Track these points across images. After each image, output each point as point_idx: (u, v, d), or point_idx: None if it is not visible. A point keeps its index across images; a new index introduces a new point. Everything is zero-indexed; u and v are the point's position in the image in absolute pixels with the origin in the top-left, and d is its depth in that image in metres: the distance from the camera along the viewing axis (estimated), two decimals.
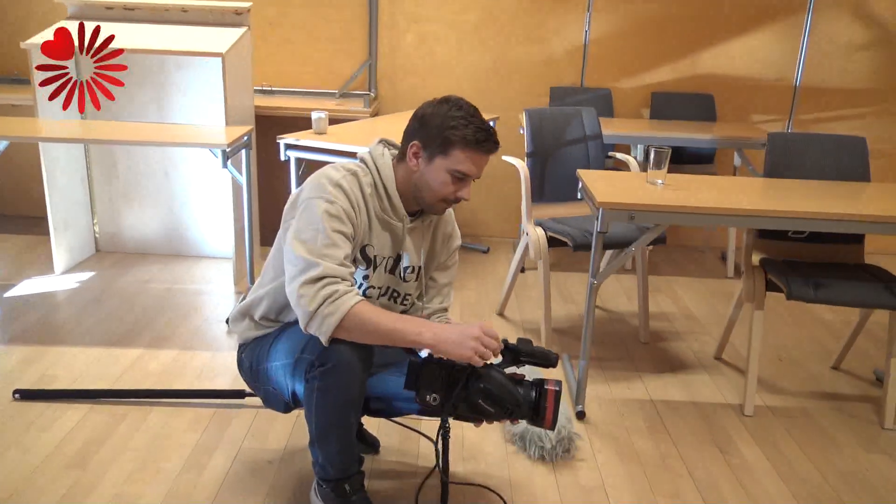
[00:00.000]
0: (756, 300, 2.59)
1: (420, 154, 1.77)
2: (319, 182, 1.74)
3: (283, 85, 4.47)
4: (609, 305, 3.56)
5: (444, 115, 1.74)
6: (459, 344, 1.62)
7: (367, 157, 1.85)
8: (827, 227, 2.35)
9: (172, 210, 3.91)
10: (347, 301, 1.62)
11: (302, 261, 1.65)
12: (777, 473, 2.24)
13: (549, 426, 1.71)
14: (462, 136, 1.72)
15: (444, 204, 1.81)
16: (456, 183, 1.77)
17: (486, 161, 1.79)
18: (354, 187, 1.77)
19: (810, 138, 2.86)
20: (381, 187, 1.81)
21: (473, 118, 1.74)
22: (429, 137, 1.75)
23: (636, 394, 2.70)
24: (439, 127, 1.73)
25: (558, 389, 1.69)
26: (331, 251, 1.66)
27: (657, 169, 2.54)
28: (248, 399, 2.48)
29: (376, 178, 1.81)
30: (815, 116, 4.47)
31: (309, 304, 1.61)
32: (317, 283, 1.62)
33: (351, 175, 1.78)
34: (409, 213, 1.85)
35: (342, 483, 1.85)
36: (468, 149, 1.73)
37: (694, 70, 4.42)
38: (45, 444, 2.20)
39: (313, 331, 1.64)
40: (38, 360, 2.71)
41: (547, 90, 4.38)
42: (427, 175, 1.77)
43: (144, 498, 1.98)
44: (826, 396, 2.75)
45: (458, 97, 1.78)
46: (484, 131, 1.74)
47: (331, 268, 1.64)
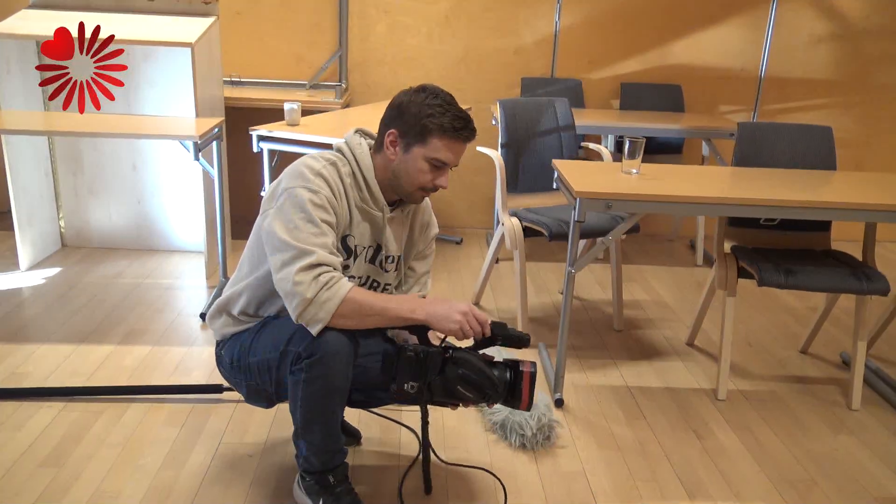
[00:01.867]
0: (728, 287, 2.64)
1: (397, 142, 1.77)
2: (300, 171, 1.73)
3: (252, 76, 4.41)
4: (582, 294, 3.60)
5: (422, 103, 1.74)
6: (445, 317, 1.66)
7: (344, 147, 1.84)
8: (797, 214, 2.41)
9: (141, 203, 3.84)
10: (344, 286, 1.63)
11: (294, 248, 1.64)
12: (751, 456, 2.30)
13: (525, 407, 1.73)
14: (439, 123, 1.72)
15: (422, 192, 1.82)
16: (434, 171, 1.78)
17: (464, 149, 1.79)
18: (335, 177, 1.76)
19: (778, 128, 2.92)
20: (361, 177, 1.80)
21: (451, 106, 1.75)
22: (406, 125, 1.75)
23: (612, 381, 2.74)
24: (417, 115, 1.73)
25: (533, 371, 1.71)
26: (322, 239, 1.66)
27: (632, 159, 2.57)
28: (227, 393, 2.46)
29: (355, 167, 1.80)
30: (779, 107, 4.56)
31: (307, 291, 1.61)
32: (313, 270, 1.62)
33: (331, 165, 1.77)
34: (389, 203, 1.85)
35: (326, 474, 1.84)
36: (446, 137, 1.74)
37: (662, 61, 4.47)
38: (18, 443, 2.15)
39: (308, 317, 1.63)
40: (7, 358, 2.65)
41: (517, 81, 4.40)
42: (405, 163, 1.77)
43: (124, 495, 1.95)
44: (795, 380, 2.82)
45: (435, 86, 1.78)
46: (461, 119, 1.74)
47: (324, 256, 1.64)
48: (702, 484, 2.14)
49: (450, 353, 1.70)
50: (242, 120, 3.90)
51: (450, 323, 1.66)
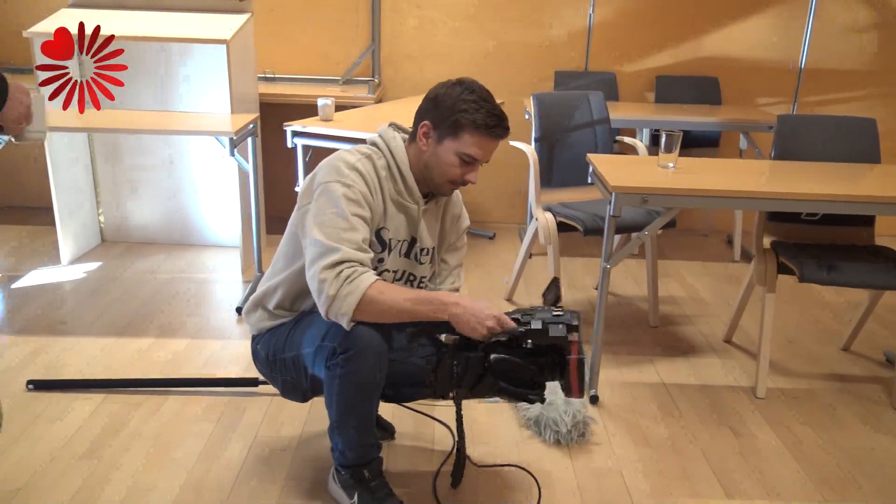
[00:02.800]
0: (768, 283, 2.59)
1: (430, 134, 1.77)
2: (335, 165, 1.73)
3: (285, 72, 4.44)
4: (617, 290, 3.56)
5: (457, 97, 1.73)
6: (471, 329, 1.65)
7: (378, 141, 1.83)
8: (838, 208, 2.35)
9: (177, 199, 3.89)
10: (365, 280, 1.63)
11: (321, 245, 1.64)
12: (790, 454, 2.25)
13: (577, 395, 1.69)
14: (472, 119, 1.71)
15: (451, 185, 1.82)
16: (464, 166, 1.77)
17: (496, 146, 1.78)
18: (370, 170, 1.76)
19: (819, 120, 2.85)
20: (396, 169, 1.80)
21: (485, 102, 1.73)
22: (440, 118, 1.74)
23: (648, 378, 2.70)
24: (451, 109, 1.72)
25: (581, 357, 1.66)
26: (350, 235, 1.66)
27: (668, 152, 2.53)
28: (262, 387, 2.48)
29: (390, 160, 1.80)
30: (818, 98, 4.45)
31: (329, 288, 1.61)
32: (336, 268, 1.62)
33: (366, 158, 1.77)
34: (423, 195, 1.84)
35: (361, 469, 1.85)
36: (478, 133, 1.72)
37: (698, 53, 4.40)
38: (59, 434, 2.20)
39: (334, 314, 1.64)
40: (48, 351, 2.70)
41: (550, 74, 4.36)
42: (436, 156, 1.77)
43: (160, 488, 1.98)
44: (836, 378, 2.76)
45: (473, 80, 1.77)
46: (495, 116, 1.73)
47: (350, 252, 1.64)
48: (738, 482, 2.10)
49: (489, 362, 1.68)
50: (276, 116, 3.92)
51: (475, 334, 1.65)
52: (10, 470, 2.02)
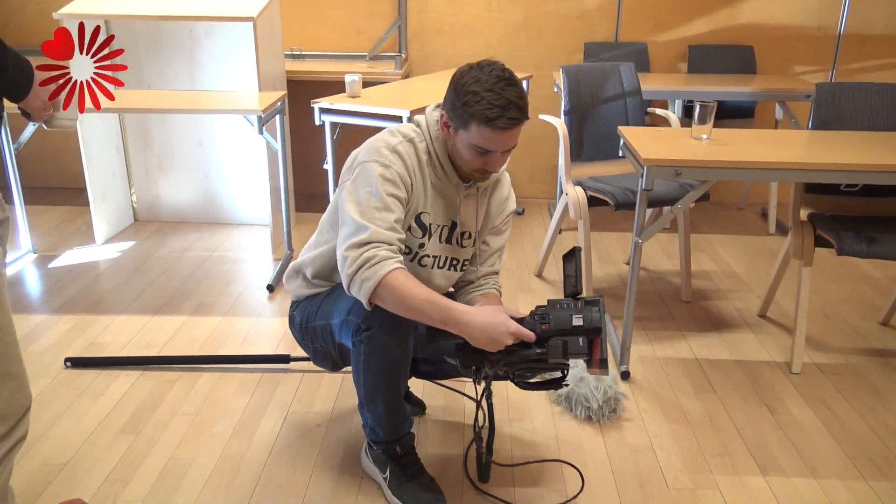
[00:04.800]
0: (805, 256, 2.53)
1: (448, 125, 1.72)
2: (376, 146, 1.72)
3: (312, 49, 4.42)
4: (649, 265, 3.52)
5: (465, 86, 1.64)
6: (485, 344, 1.60)
7: (422, 122, 1.80)
8: (880, 179, 2.28)
9: (207, 178, 3.92)
10: (385, 267, 1.58)
11: (353, 223, 1.64)
12: (827, 430, 2.21)
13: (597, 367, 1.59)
14: (475, 112, 1.62)
15: (479, 174, 1.75)
16: (482, 156, 1.69)
17: (509, 136, 1.66)
18: (411, 153, 1.73)
19: (860, 88, 2.76)
20: (434, 154, 1.77)
21: (489, 93, 1.61)
22: (452, 110, 1.68)
23: (680, 353, 2.67)
24: (459, 100, 1.64)
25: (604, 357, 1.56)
26: (382, 214, 1.64)
27: (702, 124, 2.47)
28: (294, 364, 2.50)
29: (430, 144, 1.77)
30: (859, 66, 4.31)
31: (349, 267, 1.60)
32: (361, 248, 1.61)
33: (408, 142, 1.75)
34: (463, 180, 1.81)
35: (393, 444, 1.86)
36: (483, 125, 1.63)
37: (732, 21, 4.28)
38: (98, 410, 2.25)
39: (354, 293, 1.64)
40: (86, 329, 2.76)
41: (580, 46, 4.29)
42: (455, 147, 1.72)
43: (198, 462, 2.01)
44: (875, 353, 2.70)
45: (491, 62, 1.66)
46: (497, 108, 1.60)
47: (378, 232, 1.62)
48: (775, 459, 2.07)
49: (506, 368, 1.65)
50: (303, 93, 3.92)
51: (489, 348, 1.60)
52: (57, 445, 2.07)
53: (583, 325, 1.57)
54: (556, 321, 1.59)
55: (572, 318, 1.58)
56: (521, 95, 1.64)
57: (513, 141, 1.68)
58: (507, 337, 1.58)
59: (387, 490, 1.87)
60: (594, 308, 1.61)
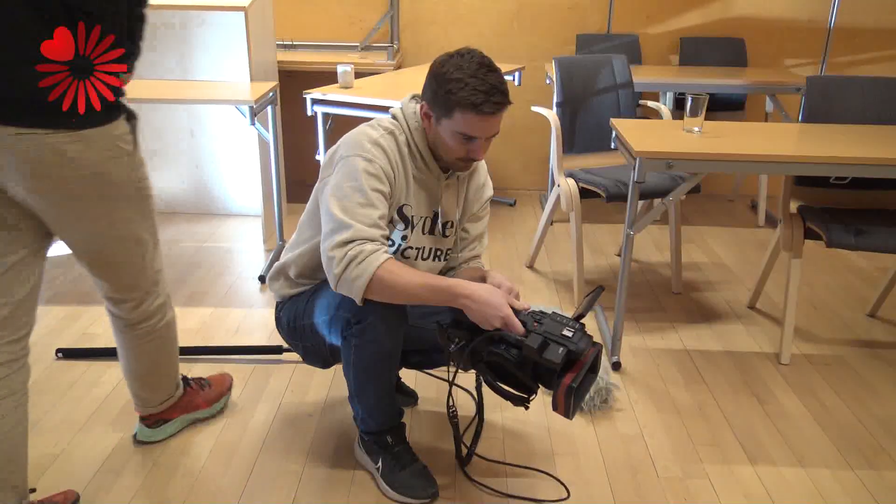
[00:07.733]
0: (794, 248, 2.55)
1: (429, 114, 1.71)
2: (357, 140, 1.71)
3: (304, 39, 4.41)
4: (640, 256, 3.54)
5: (445, 74, 1.64)
6: (483, 321, 1.61)
7: (399, 115, 1.79)
8: (869, 172, 2.30)
9: (199, 168, 3.90)
10: (374, 262, 1.58)
11: (335, 220, 1.62)
12: (815, 421, 2.24)
13: (563, 415, 1.57)
14: (458, 99, 1.62)
15: (461, 162, 1.75)
16: (466, 143, 1.69)
17: (492, 121, 1.66)
18: (392, 146, 1.73)
19: (850, 81, 2.78)
20: (414, 145, 1.77)
21: (472, 79, 1.61)
22: (434, 98, 1.68)
23: (671, 344, 2.69)
24: (441, 87, 1.64)
25: (573, 385, 1.52)
26: (366, 211, 1.63)
27: (694, 116, 2.48)
28: (286, 354, 2.51)
29: (409, 136, 1.77)
30: (849, 59, 4.34)
31: (336, 267, 1.60)
32: (346, 246, 1.60)
33: (388, 134, 1.74)
34: (443, 170, 1.82)
35: (384, 435, 1.87)
36: (467, 111, 1.63)
37: (724, 13, 4.30)
38: (90, 401, 2.24)
39: (343, 291, 1.63)
40: (77, 320, 2.75)
41: (572, 37, 4.29)
42: (437, 136, 1.72)
43: (191, 452, 2.02)
44: (862, 344, 2.73)
45: (469, 50, 1.67)
46: (481, 93, 1.60)
47: (361, 229, 1.61)
48: (764, 448, 2.10)
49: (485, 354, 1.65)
50: (295, 84, 3.91)
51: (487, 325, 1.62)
52: (49, 436, 2.07)
53: (571, 337, 1.57)
54: (547, 326, 1.60)
55: (563, 329, 1.59)
56: (503, 81, 1.66)
57: (496, 127, 1.69)
58: (498, 320, 1.60)
59: (380, 480, 1.88)
60: (589, 338, 1.62)
